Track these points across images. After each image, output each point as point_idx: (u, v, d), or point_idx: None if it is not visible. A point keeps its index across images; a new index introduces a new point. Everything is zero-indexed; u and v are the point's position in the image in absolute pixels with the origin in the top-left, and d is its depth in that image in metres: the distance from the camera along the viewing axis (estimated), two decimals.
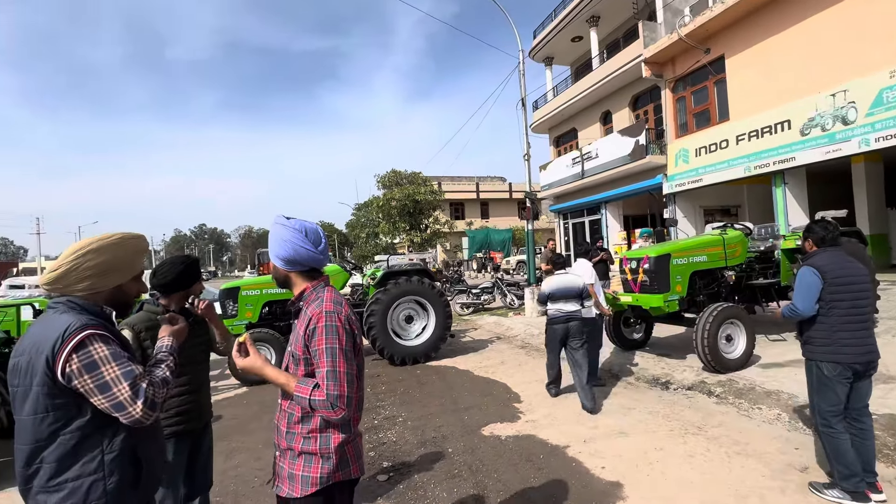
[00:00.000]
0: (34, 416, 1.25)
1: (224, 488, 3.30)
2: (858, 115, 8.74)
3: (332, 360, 1.44)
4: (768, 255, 6.35)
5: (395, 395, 5.34)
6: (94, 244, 1.40)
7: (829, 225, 2.76)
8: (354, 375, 1.49)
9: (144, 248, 1.54)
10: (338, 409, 1.42)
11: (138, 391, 1.29)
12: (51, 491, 1.25)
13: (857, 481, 2.56)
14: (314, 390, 1.43)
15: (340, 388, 1.42)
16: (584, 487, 3.01)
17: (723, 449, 3.41)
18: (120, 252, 1.44)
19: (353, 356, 1.51)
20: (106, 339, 1.31)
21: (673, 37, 11.99)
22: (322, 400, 1.42)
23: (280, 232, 1.57)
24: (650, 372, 5.39)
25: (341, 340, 1.47)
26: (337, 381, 1.43)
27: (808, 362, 2.77)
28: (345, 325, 1.50)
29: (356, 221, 35.33)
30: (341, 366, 1.45)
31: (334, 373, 1.43)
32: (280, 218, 1.61)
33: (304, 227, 1.59)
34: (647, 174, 14.02)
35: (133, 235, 1.50)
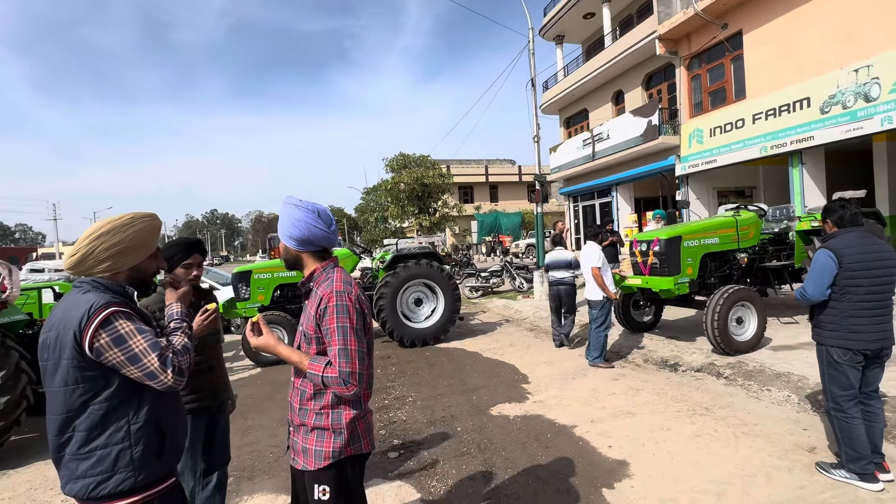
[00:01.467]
0: (65, 388, 1.31)
1: (241, 463, 3.42)
2: (882, 92, 8.42)
3: (344, 338, 1.48)
4: (782, 236, 6.25)
5: (405, 376, 5.43)
6: (105, 227, 1.44)
7: (847, 203, 2.68)
8: (365, 353, 1.53)
9: (157, 226, 1.57)
10: (350, 385, 1.46)
11: (166, 361, 1.35)
12: (81, 458, 1.32)
13: (864, 464, 2.56)
14: (326, 367, 1.47)
15: (352, 365, 1.46)
16: (590, 465, 3.06)
17: (730, 429, 3.43)
18: (132, 232, 1.47)
19: (364, 335, 1.55)
20: (129, 315, 1.37)
21: (689, 12, 11.57)
22: (334, 377, 1.46)
23: (292, 212, 1.59)
24: (659, 354, 5.40)
25: (352, 319, 1.50)
26: (349, 358, 1.47)
27: (819, 346, 2.75)
28: (355, 304, 1.53)
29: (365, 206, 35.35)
30: (352, 343, 1.48)
31: (346, 350, 1.47)
32: (292, 198, 1.63)
33: (316, 208, 1.62)
34: (660, 155, 13.74)
35: (144, 215, 1.53)
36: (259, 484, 3.14)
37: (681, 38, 12.73)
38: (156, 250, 1.58)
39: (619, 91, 16.30)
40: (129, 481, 1.34)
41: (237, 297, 6.48)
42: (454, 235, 30.09)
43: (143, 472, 1.36)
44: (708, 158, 12.19)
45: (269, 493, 3.01)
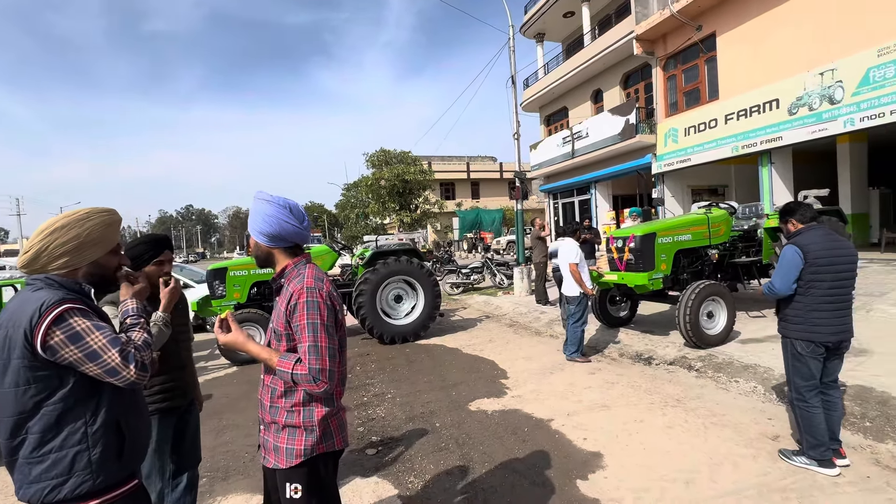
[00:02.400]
0: (16, 389, 1.26)
1: (215, 464, 3.35)
2: (845, 95, 8.79)
3: (314, 335, 1.46)
4: (751, 233, 6.46)
5: (384, 373, 5.41)
6: (60, 222, 1.38)
7: (803, 203, 2.84)
8: (336, 350, 1.51)
9: (116, 220, 1.52)
10: (320, 382, 1.44)
11: (128, 356, 1.31)
12: (35, 462, 1.27)
13: (823, 450, 2.69)
14: (296, 364, 1.45)
15: (322, 362, 1.45)
16: (566, 458, 3.11)
17: (700, 420, 3.54)
18: (89, 227, 1.42)
19: (335, 331, 1.53)
20: (84, 312, 1.31)
21: (665, 13, 11.82)
22: (304, 374, 1.44)
23: (263, 208, 1.56)
24: (634, 348, 5.53)
25: (322, 316, 1.48)
26: (319, 355, 1.45)
27: (784, 339, 2.86)
28: (326, 300, 1.51)
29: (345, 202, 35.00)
30: (322, 340, 1.46)
31: (316, 347, 1.45)
32: (262, 194, 1.59)
33: (288, 203, 1.59)
34: (637, 154, 14.03)
35: (101, 209, 1.48)
36: (233, 484, 3.09)
37: (657, 39, 12.99)
38: (116, 245, 1.53)
39: (598, 90, 16.54)
40: (87, 484, 1.29)
41: (212, 295, 6.33)
42: (435, 232, 30.08)
43: (101, 475, 1.32)
44: (682, 157, 12.51)
45: (244, 493, 2.96)
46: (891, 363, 4.05)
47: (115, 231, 1.50)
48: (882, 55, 8.20)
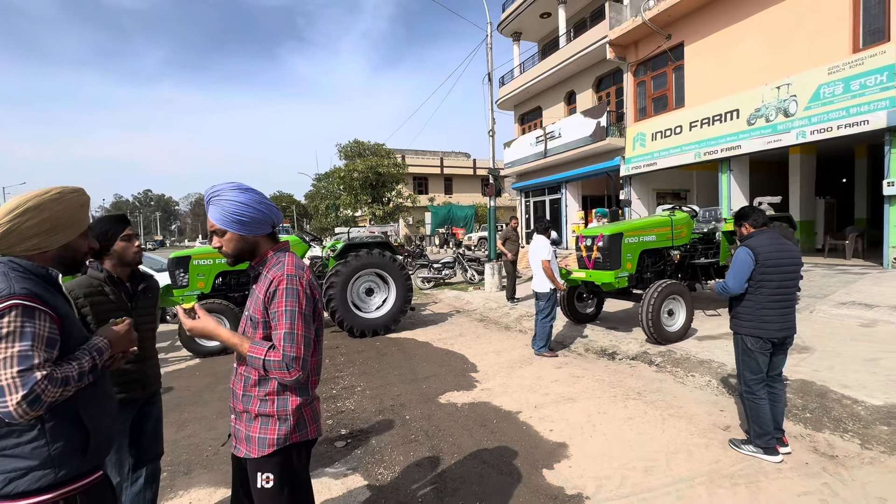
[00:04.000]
0: None
1: (176, 458, 3.25)
2: (798, 109, 9.36)
3: (291, 322, 1.44)
4: (710, 236, 6.81)
5: (354, 366, 5.38)
6: (31, 201, 1.30)
7: (756, 208, 3.03)
8: (312, 339, 1.50)
9: (86, 201, 1.45)
10: (293, 370, 1.42)
11: (26, 381, 1.15)
12: None
13: (768, 439, 2.89)
14: (269, 351, 1.43)
15: (297, 350, 1.43)
16: (533, 448, 3.21)
17: (658, 412, 3.72)
18: (62, 207, 1.35)
19: (312, 321, 1.52)
20: (31, 311, 1.21)
21: (637, 20, 12.18)
22: (277, 361, 1.41)
23: (240, 197, 1.50)
24: (599, 343, 5.72)
25: (301, 303, 1.47)
26: (294, 342, 1.43)
27: (735, 335, 3.04)
28: (306, 289, 1.50)
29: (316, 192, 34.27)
30: (299, 328, 1.45)
31: (292, 335, 1.43)
32: (226, 185, 1.53)
33: (248, 187, 1.55)
34: (607, 156, 14.44)
35: (72, 189, 1.41)
36: (196, 478, 3.01)
37: (629, 45, 13.37)
38: (87, 228, 1.47)
39: (572, 91, 16.88)
40: (48, 478, 1.24)
41: (174, 284, 6.08)
42: (407, 226, 29.95)
43: (63, 468, 1.27)
44: (649, 161, 12.97)
45: (207, 487, 2.89)
46: (830, 359, 4.39)
47: (86, 213, 1.45)
48: (832, 73, 8.78)
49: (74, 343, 1.37)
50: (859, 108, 8.42)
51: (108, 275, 2.01)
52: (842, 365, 4.23)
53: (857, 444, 3.05)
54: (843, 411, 3.41)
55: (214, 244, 1.55)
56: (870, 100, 8.29)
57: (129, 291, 2.07)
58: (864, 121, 8.27)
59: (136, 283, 2.12)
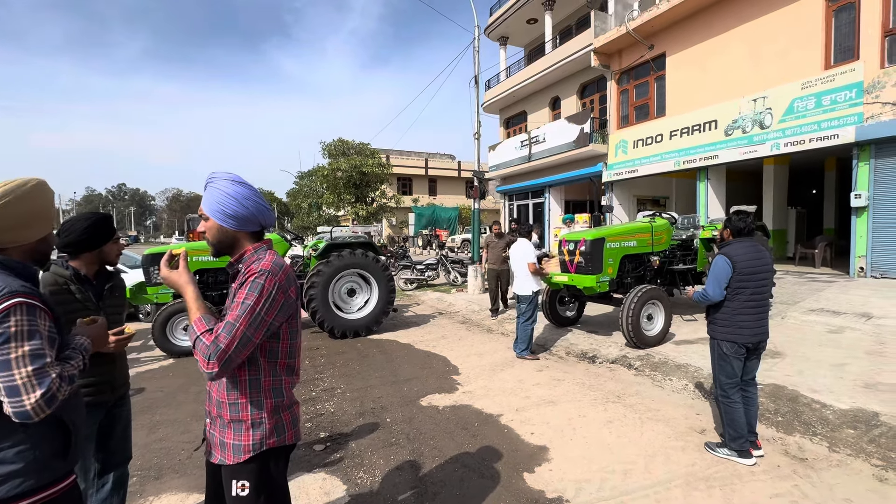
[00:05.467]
0: None
1: (146, 462, 3.13)
2: (773, 121, 9.68)
3: (240, 315, 1.35)
4: (688, 243, 6.96)
5: (334, 368, 5.30)
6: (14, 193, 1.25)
7: (747, 217, 3.04)
8: (252, 342, 1.37)
9: (53, 194, 1.42)
10: (212, 363, 1.30)
11: (43, 379, 1.14)
12: None
13: (742, 442, 2.96)
14: (207, 333, 1.34)
15: (228, 344, 1.30)
16: (514, 451, 3.21)
17: (637, 415, 3.78)
18: (40, 200, 1.31)
19: (264, 325, 1.39)
20: (34, 309, 1.17)
21: (621, 29, 12.42)
22: (206, 345, 1.31)
23: (230, 188, 1.46)
24: (580, 347, 5.78)
25: (259, 301, 1.37)
26: (230, 335, 1.32)
27: (712, 340, 3.11)
28: (272, 288, 1.40)
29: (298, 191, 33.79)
30: (243, 324, 1.34)
31: (232, 327, 1.33)
32: (224, 174, 1.50)
33: (245, 183, 1.52)
34: (590, 161, 14.66)
35: (38, 180, 1.36)
36: (167, 483, 2.90)
37: (613, 54, 13.62)
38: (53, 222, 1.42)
39: (557, 97, 17.09)
40: (29, 483, 1.19)
41: (148, 282, 5.90)
42: (391, 227, 29.79)
43: (45, 472, 1.23)
44: (630, 168, 13.23)
45: (179, 493, 2.79)
46: (800, 364, 4.53)
47: (53, 205, 1.41)
48: (805, 88, 9.11)
49: (62, 343, 1.33)
50: (830, 123, 8.77)
51: (74, 272, 1.92)
52: (811, 370, 4.37)
53: (825, 447, 3.15)
54: (812, 415, 3.51)
55: (199, 228, 1.52)
56: (840, 115, 8.63)
57: (97, 290, 1.99)
58: (835, 135, 8.61)
59: (104, 281, 2.03)
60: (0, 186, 1.25)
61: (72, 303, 1.89)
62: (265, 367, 1.48)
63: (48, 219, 1.35)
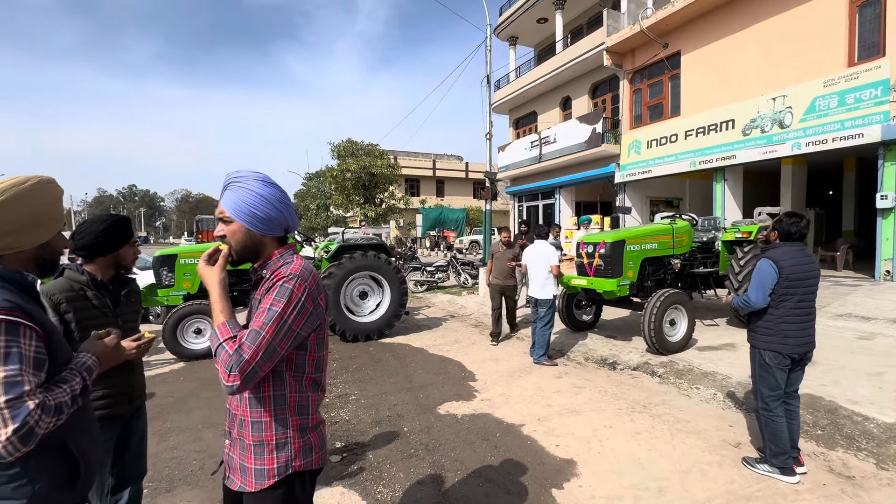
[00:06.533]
0: None
1: (157, 472, 3.02)
2: (794, 120, 9.43)
3: (266, 322, 1.22)
4: (709, 245, 6.76)
5: (347, 373, 5.17)
6: (9, 192, 1.10)
7: (799, 221, 2.83)
8: (278, 352, 1.24)
9: (61, 194, 1.27)
10: (234, 374, 1.16)
11: (17, 412, 0.98)
12: None
13: (785, 458, 2.78)
14: (230, 340, 1.20)
15: (252, 355, 1.18)
16: (539, 465, 3.05)
17: (666, 426, 3.60)
18: (40, 200, 1.17)
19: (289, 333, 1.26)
20: (15, 328, 1.03)
21: (635, 28, 12.21)
22: (228, 353, 1.18)
23: (261, 189, 1.32)
24: (598, 353, 5.61)
25: (288, 308, 1.24)
26: (255, 344, 1.19)
27: (752, 349, 2.93)
28: (302, 294, 1.27)
29: (306, 192, 33.83)
30: (269, 332, 1.21)
31: (258, 335, 1.20)
32: (251, 172, 1.36)
33: (275, 183, 1.39)
34: (602, 162, 14.44)
35: (45, 178, 1.22)
36: (179, 496, 2.79)
37: (626, 53, 13.41)
38: (63, 225, 1.29)
39: (567, 97, 16.89)
40: None
41: (159, 284, 5.82)
42: (398, 228, 29.69)
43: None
44: (644, 169, 13.00)
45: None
46: (835, 373, 4.32)
47: (62, 207, 1.27)
48: (828, 86, 8.85)
49: (61, 361, 1.18)
50: (854, 122, 8.50)
51: (90, 277, 1.81)
52: (847, 379, 4.17)
53: (872, 463, 2.96)
54: (854, 428, 3.32)
55: (218, 232, 1.35)
56: (864, 113, 8.37)
57: (113, 296, 1.88)
58: (859, 134, 8.35)
59: (120, 286, 1.92)
60: None
61: (89, 309, 1.79)
62: (291, 383, 1.35)
63: (52, 221, 1.21)
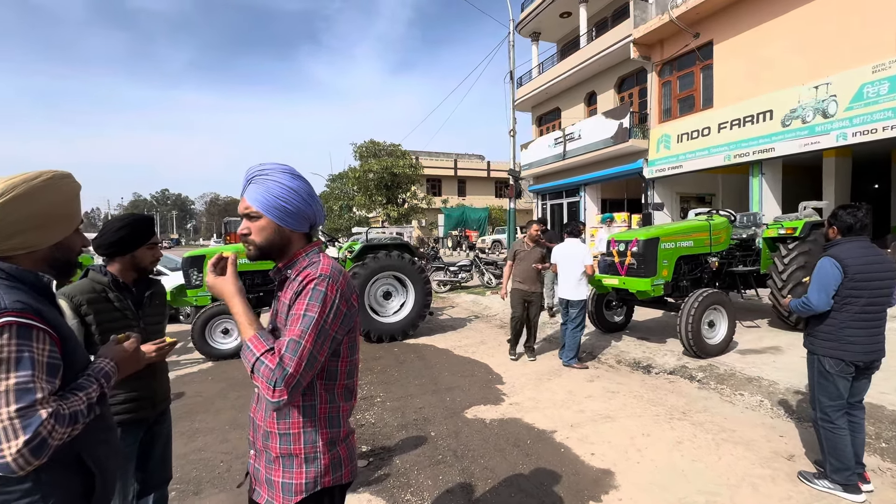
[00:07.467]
0: None
1: (185, 475, 3.01)
2: (839, 109, 8.87)
3: (304, 330, 1.14)
4: (749, 242, 6.41)
5: (372, 374, 5.11)
6: (18, 188, 1.03)
7: (857, 211, 2.58)
8: (319, 360, 1.17)
9: (78, 190, 1.20)
10: (279, 390, 1.09)
11: (28, 421, 0.90)
12: None
13: (849, 474, 2.53)
14: (268, 353, 1.12)
15: (295, 366, 1.10)
16: (575, 475, 2.89)
17: (710, 435, 3.38)
18: (54, 197, 1.10)
19: (332, 336, 1.20)
20: (27, 331, 0.96)
21: (664, 18, 11.77)
22: (270, 368, 1.09)
23: (290, 182, 1.24)
24: (631, 355, 5.37)
25: (324, 312, 1.16)
26: (296, 356, 1.11)
27: (810, 355, 2.69)
28: (336, 296, 1.20)
29: (329, 193, 34.25)
30: (309, 340, 1.13)
31: (298, 344, 1.12)
32: (276, 165, 1.28)
33: (302, 176, 1.30)
34: (629, 158, 14.01)
35: (61, 173, 1.14)
36: (206, 499, 2.76)
37: (654, 44, 12.96)
38: (80, 223, 1.22)
39: (592, 92, 16.47)
40: None
41: (188, 284, 5.90)
42: (420, 228, 29.71)
43: None
44: (674, 164, 12.52)
45: None
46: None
47: (79, 204, 1.19)
48: (877, 72, 8.28)
49: (77, 367, 1.12)
50: None
51: (112, 279, 1.77)
52: None
53: None
54: None
55: (242, 229, 1.26)
56: None
57: (136, 298, 1.83)
58: None
59: (143, 288, 1.87)
60: (1, 182, 1.04)
61: (110, 311, 1.75)
62: (321, 392, 1.26)
63: (66, 219, 1.14)
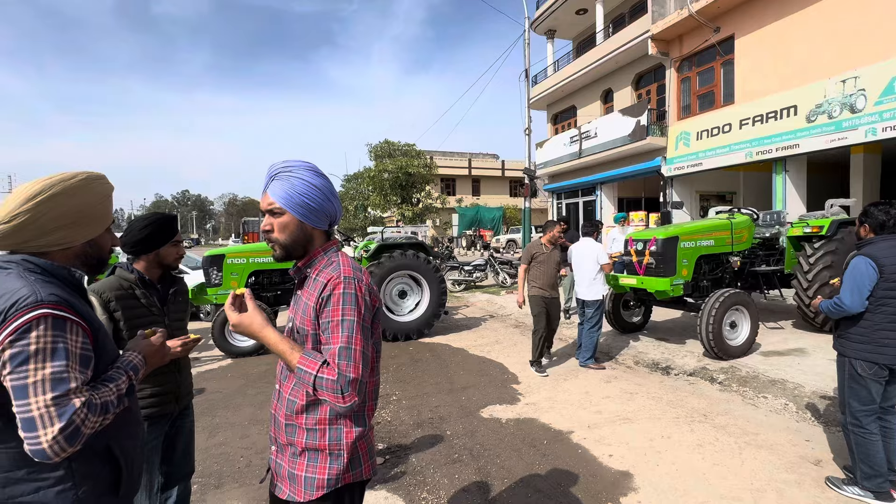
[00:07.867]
0: None
1: (206, 469, 3.07)
2: (867, 104, 8.56)
3: (349, 335, 1.18)
4: (773, 241, 6.24)
5: (387, 372, 5.14)
6: (56, 187, 1.08)
7: (891, 208, 2.49)
8: (370, 357, 1.24)
9: (111, 191, 1.25)
10: (348, 395, 1.15)
11: (63, 410, 0.93)
12: None
13: (881, 482, 2.45)
14: (323, 367, 1.17)
15: (355, 370, 1.16)
16: (592, 477, 2.86)
17: (732, 438, 3.30)
18: (89, 196, 1.14)
19: (371, 334, 1.26)
20: (62, 323, 0.99)
21: (683, 13, 11.53)
22: (331, 380, 1.15)
23: (314, 179, 1.27)
24: (650, 356, 5.28)
25: (359, 312, 1.21)
26: (352, 360, 1.16)
27: (841, 358, 2.60)
28: (364, 295, 1.24)
29: (345, 193, 34.58)
30: (357, 343, 1.18)
31: (349, 350, 1.17)
32: (301, 162, 1.30)
33: (325, 174, 1.33)
34: (646, 156, 13.78)
35: (96, 175, 1.20)
36: (227, 493, 2.81)
37: (673, 39, 12.71)
38: (111, 222, 1.26)
39: (609, 89, 16.26)
40: None
41: (208, 283, 6.03)
42: (434, 227, 29.76)
43: None
44: (693, 161, 12.27)
45: (239, 503, 2.69)
46: None
47: (111, 204, 1.24)
48: None
49: (107, 360, 1.15)
50: None
51: (139, 276, 1.82)
52: None
53: None
54: None
55: (265, 225, 1.28)
56: None
57: (161, 295, 1.88)
58: None
59: (168, 286, 1.92)
60: (41, 181, 1.08)
61: (137, 307, 1.80)
62: None
63: (100, 218, 1.18)
